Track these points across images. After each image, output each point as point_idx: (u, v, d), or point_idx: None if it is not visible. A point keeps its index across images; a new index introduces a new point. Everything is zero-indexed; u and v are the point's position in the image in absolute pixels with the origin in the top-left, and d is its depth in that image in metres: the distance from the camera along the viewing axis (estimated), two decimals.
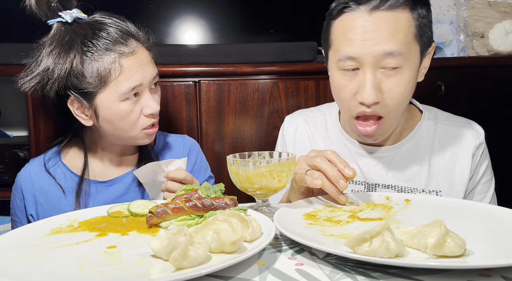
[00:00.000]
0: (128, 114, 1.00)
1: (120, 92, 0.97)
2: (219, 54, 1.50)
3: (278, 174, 0.82)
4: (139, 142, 1.07)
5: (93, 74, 0.97)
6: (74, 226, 0.76)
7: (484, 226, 0.72)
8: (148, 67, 1.02)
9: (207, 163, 1.26)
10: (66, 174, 1.09)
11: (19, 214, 1.10)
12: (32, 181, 1.09)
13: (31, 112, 1.41)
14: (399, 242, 0.59)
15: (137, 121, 1.02)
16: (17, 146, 1.48)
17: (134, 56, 0.99)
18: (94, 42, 0.96)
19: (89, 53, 0.96)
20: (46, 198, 1.08)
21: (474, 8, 1.77)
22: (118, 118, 1.00)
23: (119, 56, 0.97)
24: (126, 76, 0.97)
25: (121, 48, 0.98)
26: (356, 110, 0.93)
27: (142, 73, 1.00)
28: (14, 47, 1.41)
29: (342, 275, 0.58)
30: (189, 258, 0.56)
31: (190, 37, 1.73)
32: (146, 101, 1.02)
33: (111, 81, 0.97)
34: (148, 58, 1.03)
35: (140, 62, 1.00)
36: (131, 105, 1.00)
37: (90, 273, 0.57)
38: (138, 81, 0.99)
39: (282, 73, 1.51)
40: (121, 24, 1.01)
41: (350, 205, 0.86)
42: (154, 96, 1.04)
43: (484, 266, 0.56)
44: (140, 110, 1.02)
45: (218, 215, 0.64)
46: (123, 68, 0.97)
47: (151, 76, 1.02)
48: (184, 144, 1.22)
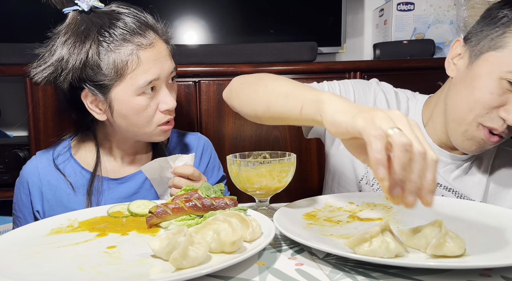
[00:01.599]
0: (144, 109, 0.97)
1: (136, 86, 0.94)
2: (219, 54, 1.50)
3: (278, 174, 0.82)
4: (154, 139, 1.04)
5: (109, 66, 0.93)
6: (74, 226, 0.76)
7: (484, 226, 0.72)
8: (166, 60, 0.99)
9: (219, 162, 1.24)
10: (77, 170, 1.06)
11: (23, 210, 1.06)
12: (40, 175, 1.05)
13: (31, 112, 1.42)
14: (399, 242, 0.59)
15: (153, 116, 0.99)
16: (17, 146, 1.48)
17: (152, 48, 0.96)
18: (111, 32, 0.93)
19: (105, 43, 0.93)
20: (54, 194, 1.04)
21: (474, 8, 1.77)
22: (134, 113, 0.97)
23: (137, 48, 0.94)
24: (144, 69, 0.94)
25: (139, 39, 0.94)
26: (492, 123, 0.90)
27: (160, 66, 0.96)
28: (14, 47, 1.41)
29: (342, 275, 0.58)
30: (189, 258, 0.56)
31: (190, 37, 1.73)
32: (163, 96, 0.99)
33: (128, 74, 0.94)
34: (166, 51, 1.00)
35: (158, 55, 0.97)
36: (147, 100, 0.97)
37: (90, 273, 0.57)
38: (155, 75, 0.95)
39: (282, 73, 1.50)
40: (139, 15, 0.98)
41: (350, 205, 0.86)
42: (170, 92, 1.02)
43: (484, 266, 0.56)
44: (156, 106, 0.99)
45: (218, 215, 0.64)
46: (140, 60, 0.94)
47: (168, 70, 0.99)
48: (198, 142, 1.20)
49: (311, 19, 1.78)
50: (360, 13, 2.03)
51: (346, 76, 1.53)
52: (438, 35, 1.82)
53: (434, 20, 1.81)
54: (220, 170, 1.23)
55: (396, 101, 1.09)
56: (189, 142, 1.19)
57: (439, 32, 1.83)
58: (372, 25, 2.02)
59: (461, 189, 1.02)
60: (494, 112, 0.89)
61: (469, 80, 0.92)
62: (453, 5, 1.82)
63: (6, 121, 1.75)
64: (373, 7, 2.00)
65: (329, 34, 1.79)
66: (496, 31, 0.89)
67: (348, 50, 1.94)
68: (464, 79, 0.94)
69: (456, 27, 1.82)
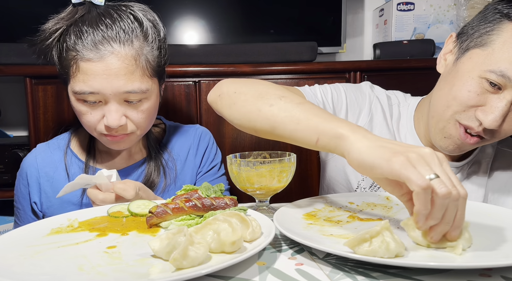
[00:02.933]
0: (83, 114, 0.97)
1: (73, 91, 0.95)
2: (219, 54, 1.50)
3: (278, 174, 0.82)
4: (106, 145, 1.04)
5: (61, 62, 0.96)
6: (74, 226, 0.76)
7: (484, 226, 0.72)
8: (117, 79, 0.92)
9: (218, 152, 1.22)
10: (74, 161, 1.08)
11: (22, 201, 1.09)
12: (38, 167, 1.07)
13: (31, 112, 1.42)
14: (399, 242, 0.59)
15: (96, 125, 0.98)
16: (17, 146, 1.48)
17: (97, 63, 0.92)
18: (70, 35, 0.94)
19: (66, 43, 0.94)
20: (51, 185, 1.06)
21: (474, 8, 1.77)
22: (77, 114, 0.99)
23: (80, 58, 0.92)
24: (82, 78, 0.93)
25: (83, 50, 0.92)
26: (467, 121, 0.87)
27: (104, 82, 0.92)
28: (14, 47, 1.41)
29: (342, 275, 0.58)
30: (189, 258, 0.56)
31: (190, 37, 1.73)
32: (107, 112, 0.95)
33: (70, 77, 0.95)
34: (121, 70, 0.93)
35: (106, 72, 0.92)
36: (87, 108, 0.96)
37: (90, 273, 0.57)
38: (94, 89, 0.92)
39: (282, 73, 1.51)
40: (108, 25, 0.94)
41: (350, 205, 0.86)
42: (128, 111, 0.97)
43: (484, 266, 0.56)
44: (101, 116, 0.97)
45: (218, 215, 0.64)
46: (80, 69, 0.93)
47: (117, 89, 0.93)
48: (195, 132, 1.20)
49: (311, 19, 1.78)
50: (360, 13, 2.03)
51: (346, 76, 1.53)
52: (438, 35, 1.82)
53: (434, 20, 1.81)
54: (216, 159, 1.21)
55: (389, 107, 1.06)
56: (186, 133, 1.19)
57: (439, 32, 1.83)
58: (372, 25, 2.02)
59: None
60: (471, 111, 0.86)
61: (451, 77, 0.89)
62: (453, 5, 1.82)
63: (6, 121, 1.75)
64: (373, 7, 2.00)
65: (329, 34, 1.79)
66: (485, 27, 0.86)
67: (348, 50, 1.94)
68: (448, 75, 0.91)
69: (456, 27, 1.82)
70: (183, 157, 1.16)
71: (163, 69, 1.05)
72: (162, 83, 1.09)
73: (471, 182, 1.01)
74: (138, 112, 0.98)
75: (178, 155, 1.15)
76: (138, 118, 0.99)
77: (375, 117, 1.04)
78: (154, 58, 0.99)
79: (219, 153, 1.23)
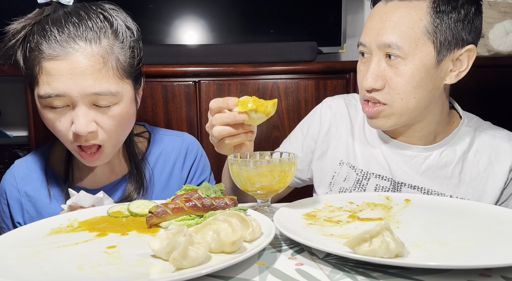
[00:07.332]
0: (52, 122, 0.89)
1: (38, 95, 0.87)
2: (219, 54, 1.50)
3: (279, 174, 0.82)
4: (81, 161, 0.94)
5: (26, 65, 0.88)
6: (74, 226, 0.76)
7: (484, 226, 0.72)
8: (83, 78, 0.84)
9: (206, 163, 1.16)
10: (54, 178, 1.01)
11: (6, 221, 1.02)
12: (18, 186, 1.00)
13: (31, 112, 1.42)
14: (399, 242, 0.59)
15: (67, 133, 0.89)
16: (17, 146, 1.49)
17: (62, 61, 0.84)
18: (34, 35, 0.86)
19: (31, 39, 0.87)
20: (34, 205, 1.00)
21: None
22: (46, 123, 0.90)
23: (43, 57, 0.85)
24: (46, 80, 0.85)
25: (45, 47, 0.84)
26: (362, 93, 1.00)
27: (70, 83, 0.84)
28: None
29: (342, 275, 0.58)
30: (189, 258, 0.56)
31: (190, 37, 1.73)
32: (75, 116, 0.86)
33: (35, 78, 0.87)
34: (89, 69, 0.85)
35: (71, 70, 0.84)
36: (54, 114, 0.88)
37: (90, 273, 0.57)
38: (59, 91, 0.84)
39: (282, 73, 1.51)
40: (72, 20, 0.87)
41: (350, 205, 0.86)
42: (98, 116, 0.88)
43: (484, 266, 0.56)
44: (71, 123, 0.88)
45: (218, 215, 0.64)
46: (44, 70, 0.85)
47: (85, 90, 0.85)
48: (182, 143, 1.11)
49: (311, 19, 1.78)
50: (360, 13, 2.03)
51: (346, 76, 1.53)
52: None
53: None
54: (204, 173, 1.14)
55: (349, 117, 1.14)
56: (173, 145, 1.11)
57: None
58: None
59: (429, 185, 1.01)
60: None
61: None
62: None
63: (6, 121, 1.75)
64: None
65: (329, 34, 1.79)
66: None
67: (348, 50, 1.94)
68: None
69: None
70: (167, 171, 1.08)
71: (137, 70, 0.96)
72: (139, 87, 0.99)
73: (444, 165, 1.02)
74: (109, 118, 0.89)
75: (162, 169, 1.07)
76: (109, 125, 0.90)
77: (332, 127, 1.14)
78: (125, 59, 0.91)
79: (207, 165, 1.16)
